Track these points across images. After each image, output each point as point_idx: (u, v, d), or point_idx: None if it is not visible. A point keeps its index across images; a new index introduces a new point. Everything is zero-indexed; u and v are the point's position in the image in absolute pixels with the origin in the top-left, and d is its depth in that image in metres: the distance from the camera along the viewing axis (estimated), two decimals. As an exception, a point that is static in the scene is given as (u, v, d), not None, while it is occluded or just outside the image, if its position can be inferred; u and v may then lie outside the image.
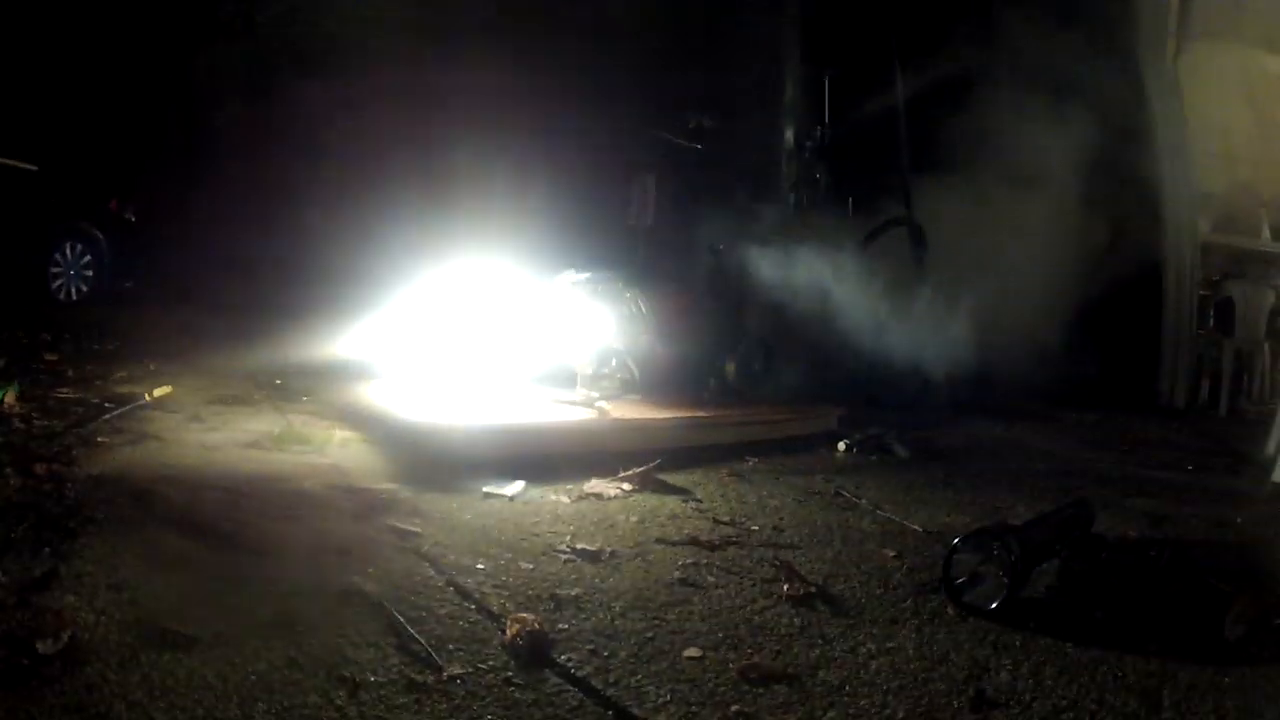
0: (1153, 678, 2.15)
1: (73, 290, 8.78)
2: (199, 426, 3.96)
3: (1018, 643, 2.30)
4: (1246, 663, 2.26)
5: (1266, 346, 8.94)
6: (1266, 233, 9.59)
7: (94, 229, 8.92)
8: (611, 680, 1.92)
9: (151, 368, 5.18)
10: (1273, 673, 2.22)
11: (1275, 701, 2.08)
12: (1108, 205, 8.10)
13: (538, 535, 2.88)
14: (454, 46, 8.17)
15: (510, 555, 2.65)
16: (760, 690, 1.94)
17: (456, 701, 1.76)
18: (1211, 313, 9.06)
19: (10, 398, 3.82)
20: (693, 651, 2.10)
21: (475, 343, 5.06)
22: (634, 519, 3.20)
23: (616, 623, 2.23)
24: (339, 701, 1.71)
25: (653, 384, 5.26)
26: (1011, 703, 1.98)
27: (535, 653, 1.99)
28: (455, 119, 8.08)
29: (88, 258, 8.86)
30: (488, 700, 1.77)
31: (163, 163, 9.34)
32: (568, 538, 2.86)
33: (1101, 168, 7.87)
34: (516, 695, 1.81)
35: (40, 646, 1.74)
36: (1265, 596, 2.64)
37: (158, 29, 10.00)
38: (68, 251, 8.75)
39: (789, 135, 7.29)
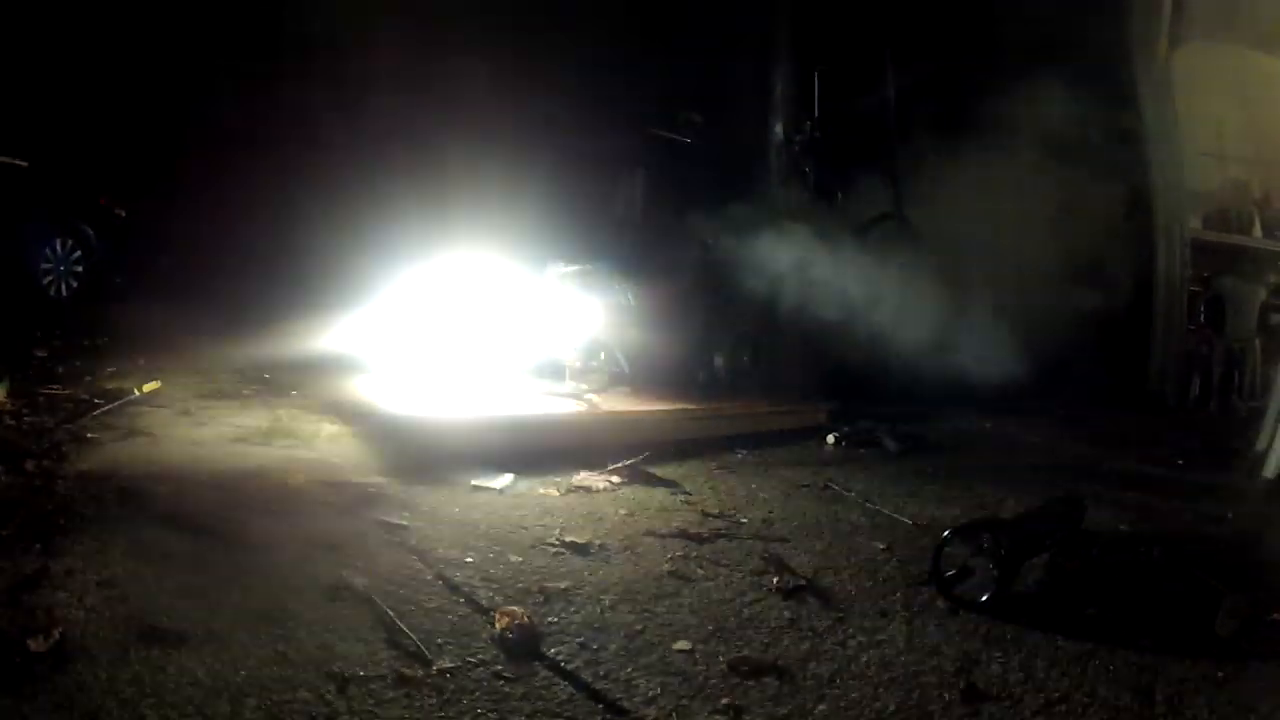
0: (1145, 672, 2.15)
1: (63, 286, 8.73)
2: (188, 422, 3.94)
3: (1008, 636, 2.30)
4: (1238, 658, 2.27)
5: (1257, 343, 8.95)
6: (1258, 230, 9.64)
7: (84, 225, 8.87)
8: (601, 673, 1.92)
9: (141, 363, 5.15)
10: (1264, 668, 2.22)
11: (1267, 696, 2.09)
12: (1100, 202, 8.12)
13: (526, 528, 2.88)
14: (444, 42, 8.15)
15: (499, 548, 2.64)
16: (750, 683, 1.94)
17: (446, 695, 1.75)
18: (1202, 309, 9.08)
19: (0, 394, 3.80)
20: (683, 644, 2.10)
21: (464, 336, 5.05)
22: (623, 512, 3.20)
23: (606, 616, 2.23)
24: (329, 697, 1.70)
25: (642, 377, 5.26)
26: (1002, 695, 1.98)
27: (525, 646, 1.99)
28: (446, 114, 8.06)
29: (78, 254, 8.80)
30: (477, 694, 1.77)
31: (153, 159, 9.28)
32: (557, 531, 2.86)
33: (1094, 165, 7.89)
34: (506, 689, 1.80)
35: (31, 644, 1.73)
36: (1256, 592, 2.64)
37: (148, 24, 9.94)
38: (58, 248, 8.71)
39: (778, 130, 7.29)
